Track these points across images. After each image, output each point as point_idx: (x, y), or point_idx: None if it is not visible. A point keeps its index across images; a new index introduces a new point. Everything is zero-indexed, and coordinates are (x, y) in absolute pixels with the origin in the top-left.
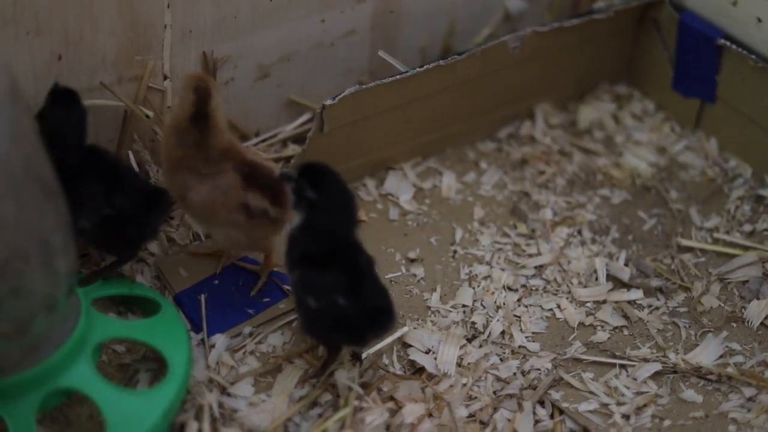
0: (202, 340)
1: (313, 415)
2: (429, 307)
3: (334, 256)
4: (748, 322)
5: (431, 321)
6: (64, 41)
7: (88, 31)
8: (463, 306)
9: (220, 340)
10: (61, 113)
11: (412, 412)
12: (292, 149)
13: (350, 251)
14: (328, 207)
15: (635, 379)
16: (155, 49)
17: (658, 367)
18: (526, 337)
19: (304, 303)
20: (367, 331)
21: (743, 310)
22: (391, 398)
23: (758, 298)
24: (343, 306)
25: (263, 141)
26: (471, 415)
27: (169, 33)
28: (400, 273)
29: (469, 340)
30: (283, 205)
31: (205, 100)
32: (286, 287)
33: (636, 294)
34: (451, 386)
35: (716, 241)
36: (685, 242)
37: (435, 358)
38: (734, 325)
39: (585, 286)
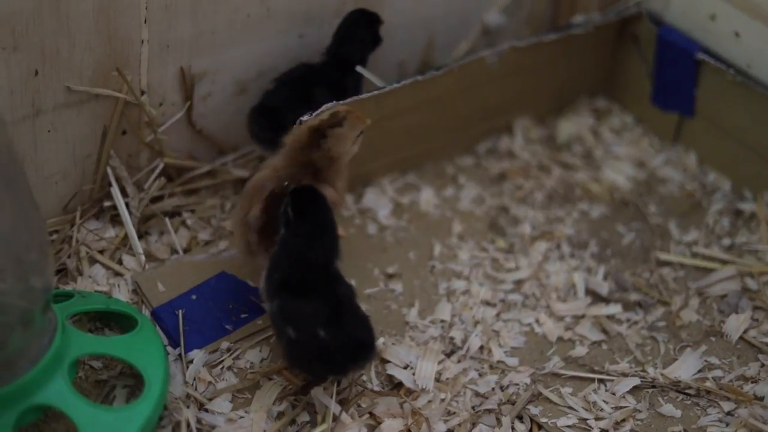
0: (180, 355)
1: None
2: (407, 323)
3: (313, 285)
4: (726, 336)
5: (409, 336)
6: (41, 57)
7: (65, 46)
8: (442, 321)
9: (197, 355)
10: None
11: (390, 428)
12: None
13: (329, 281)
14: (303, 230)
15: (614, 394)
16: (132, 65)
17: (636, 381)
18: (505, 352)
19: (284, 333)
20: (348, 363)
21: (722, 324)
22: (370, 414)
23: (737, 312)
24: (323, 338)
25: (242, 156)
26: (449, 431)
27: (147, 48)
28: (378, 288)
29: (448, 355)
30: None
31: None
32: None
33: (615, 308)
34: (430, 401)
35: (695, 255)
36: (663, 256)
37: (413, 374)
38: (713, 339)
39: (564, 301)
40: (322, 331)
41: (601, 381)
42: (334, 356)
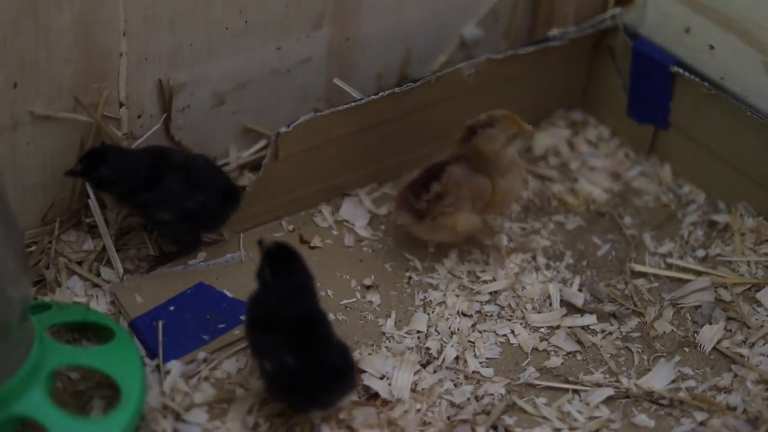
0: (157, 366)
1: None
2: (383, 333)
3: (286, 321)
4: (700, 346)
5: (386, 347)
6: (20, 69)
7: (43, 58)
8: (418, 332)
9: (175, 366)
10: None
11: None
12: (248, 177)
13: (304, 314)
14: (280, 292)
15: (588, 404)
16: (111, 77)
17: (610, 392)
18: (480, 363)
19: (263, 367)
20: (323, 393)
21: (695, 334)
22: (348, 427)
23: (710, 323)
24: (293, 366)
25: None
26: None
27: (125, 60)
28: (355, 299)
29: (424, 366)
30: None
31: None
32: (242, 317)
33: (589, 319)
34: (406, 412)
35: (669, 267)
36: (638, 267)
37: (389, 384)
38: (686, 349)
39: (539, 312)
40: (290, 358)
41: (575, 391)
42: (308, 385)
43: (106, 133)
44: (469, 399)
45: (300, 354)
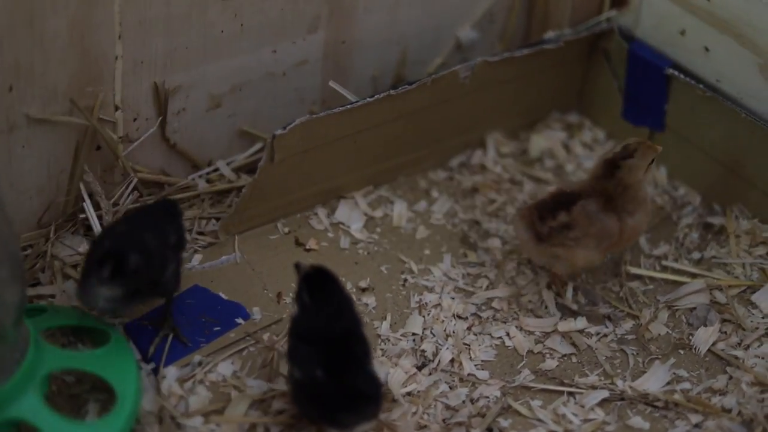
0: (152, 369)
1: None
2: (379, 336)
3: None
4: (695, 348)
5: (381, 349)
6: (15, 72)
7: (39, 61)
8: (413, 334)
9: (170, 370)
10: None
11: None
12: (244, 179)
13: (342, 335)
14: (318, 314)
15: (583, 407)
16: (106, 80)
17: (605, 394)
18: (476, 365)
19: (292, 373)
20: (343, 413)
21: (690, 337)
22: None
23: (705, 325)
24: (321, 379)
25: (215, 171)
26: None
27: (121, 64)
28: None
29: (419, 368)
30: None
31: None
32: (238, 320)
33: (584, 322)
34: (402, 414)
35: (665, 269)
36: (633, 270)
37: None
38: (681, 352)
39: (534, 315)
40: (320, 371)
41: (570, 394)
42: (331, 402)
43: (102, 137)
44: (464, 401)
45: (330, 370)
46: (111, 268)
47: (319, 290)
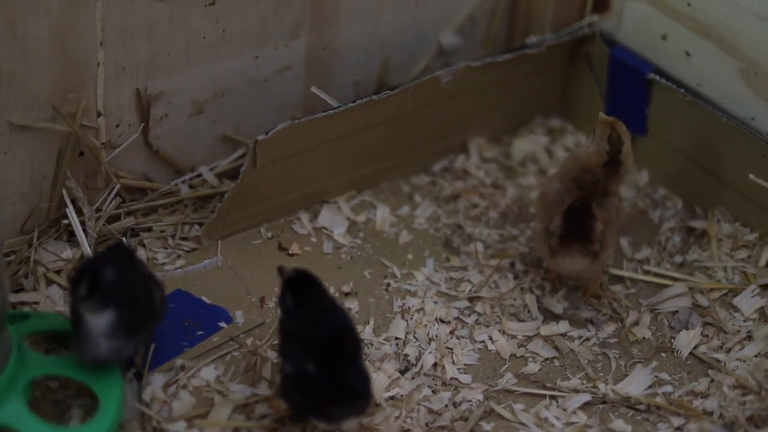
0: (135, 374)
1: None
2: (362, 340)
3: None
4: (677, 352)
5: (364, 354)
6: None
7: (21, 68)
8: (396, 339)
9: (155, 376)
10: None
11: None
12: (227, 185)
13: (330, 334)
14: (303, 317)
15: (565, 410)
16: (89, 87)
17: (588, 397)
18: (458, 369)
19: (284, 367)
20: (333, 406)
21: (672, 340)
22: None
23: (687, 329)
24: (312, 374)
25: (198, 176)
26: None
27: (103, 70)
28: None
29: (402, 373)
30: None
31: (619, 149)
32: (221, 324)
33: (567, 325)
34: (385, 418)
35: (647, 273)
36: (616, 272)
37: None
38: (663, 355)
39: (517, 318)
40: (311, 366)
41: (552, 397)
42: (321, 396)
43: (85, 143)
44: (447, 405)
45: (321, 365)
46: (88, 285)
47: (303, 293)
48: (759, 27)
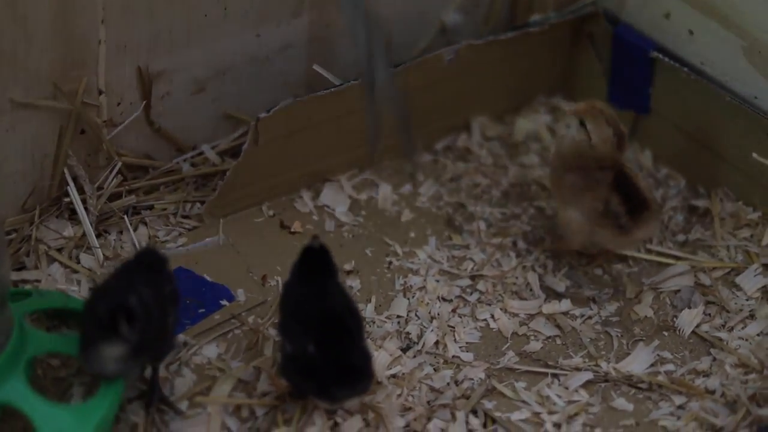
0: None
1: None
2: (364, 318)
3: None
4: (679, 330)
5: (366, 332)
6: None
7: (22, 46)
8: (398, 317)
9: None
10: None
11: (350, 427)
12: (228, 163)
13: (335, 310)
14: (306, 290)
15: (567, 388)
16: (90, 65)
17: (589, 376)
18: (460, 348)
19: (284, 346)
20: (335, 386)
21: (675, 319)
22: (329, 411)
23: (689, 307)
24: (313, 354)
25: (199, 154)
26: (406, 425)
27: (104, 48)
28: None
29: (404, 351)
30: (637, 221)
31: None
32: (223, 302)
33: (569, 304)
34: (387, 396)
35: (649, 252)
36: (619, 251)
37: None
38: (665, 334)
39: (519, 297)
40: (311, 347)
41: (554, 375)
42: (322, 376)
43: (86, 121)
44: (448, 383)
45: (322, 345)
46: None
47: (312, 267)
48: (763, 5)
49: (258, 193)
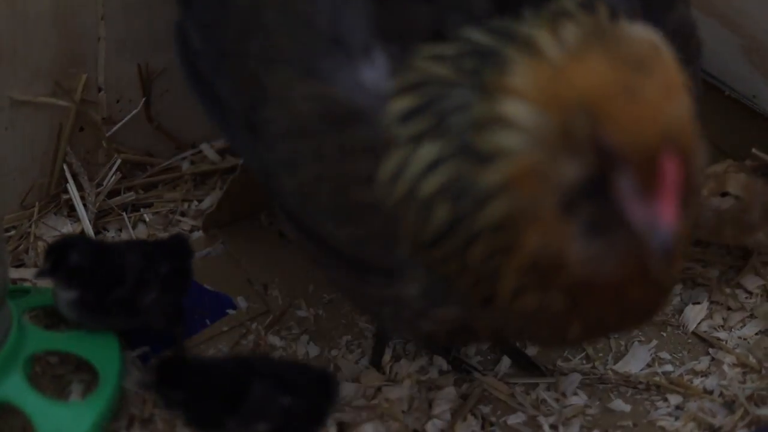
0: (140, 356)
1: None
2: (363, 330)
3: None
4: (681, 327)
5: (366, 336)
6: None
7: (21, 43)
8: None
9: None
10: None
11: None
12: (228, 161)
13: None
14: None
15: (564, 391)
16: (89, 61)
17: (586, 378)
18: (459, 348)
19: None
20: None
21: (675, 317)
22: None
23: (693, 304)
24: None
25: (198, 152)
26: (405, 425)
27: (104, 45)
28: (335, 294)
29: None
30: None
31: None
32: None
33: None
34: (387, 396)
35: None
36: None
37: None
38: (664, 334)
39: None
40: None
41: (551, 378)
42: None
43: (85, 118)
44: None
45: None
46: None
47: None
48: (762, 5)
49: (256, 202)
